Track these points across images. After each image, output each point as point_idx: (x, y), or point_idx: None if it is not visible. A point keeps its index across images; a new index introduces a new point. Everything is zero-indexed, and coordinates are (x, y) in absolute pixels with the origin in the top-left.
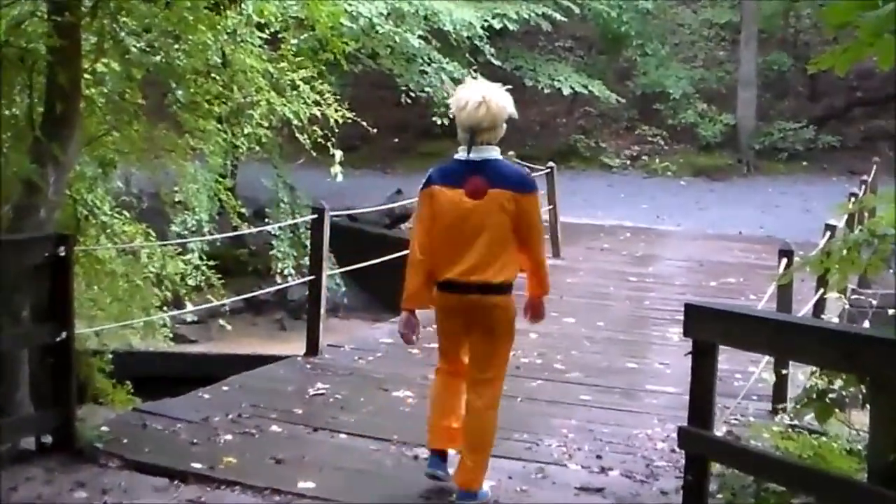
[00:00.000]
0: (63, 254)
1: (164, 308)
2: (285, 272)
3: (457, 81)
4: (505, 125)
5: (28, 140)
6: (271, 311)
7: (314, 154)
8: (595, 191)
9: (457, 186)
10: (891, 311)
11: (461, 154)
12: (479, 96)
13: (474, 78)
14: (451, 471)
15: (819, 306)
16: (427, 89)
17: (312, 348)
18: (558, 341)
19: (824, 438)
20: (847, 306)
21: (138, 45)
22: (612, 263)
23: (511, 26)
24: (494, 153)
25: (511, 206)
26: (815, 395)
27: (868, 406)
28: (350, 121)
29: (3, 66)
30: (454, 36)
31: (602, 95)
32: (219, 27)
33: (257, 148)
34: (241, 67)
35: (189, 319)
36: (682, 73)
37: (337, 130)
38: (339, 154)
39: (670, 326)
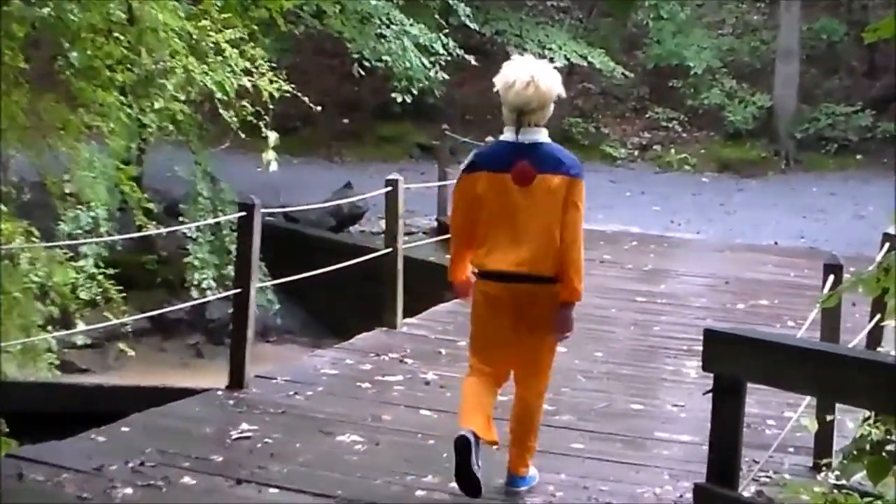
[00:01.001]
0: None
1: (49, 328)
2: (203, 284)
3: (422, 49)
4: (553, 105)
5: None
6: (185, 333)
7: (243, 137)
8: (594, 188)
9: (503, 171)
10: None
11: (507, 136)
12: (527, 75)
13: (445, 45)
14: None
15: (874, 336)
16: (385, 58)
17: (236, 380)
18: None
19: (879, 502)
20: None
21: None
22: (614, 279)
23: None
24: (543, 135)
25: (560, 193)
26: (867, 448)
27: None
28: (288, 95)
29: None
30: None
31: (605, 68)
32: None
33: (171, 128)
34: (151, 25)
35: (80, 342)
36: (705, 43)
37: (272, 107)
38: (273, 137)
39: (686, 359)
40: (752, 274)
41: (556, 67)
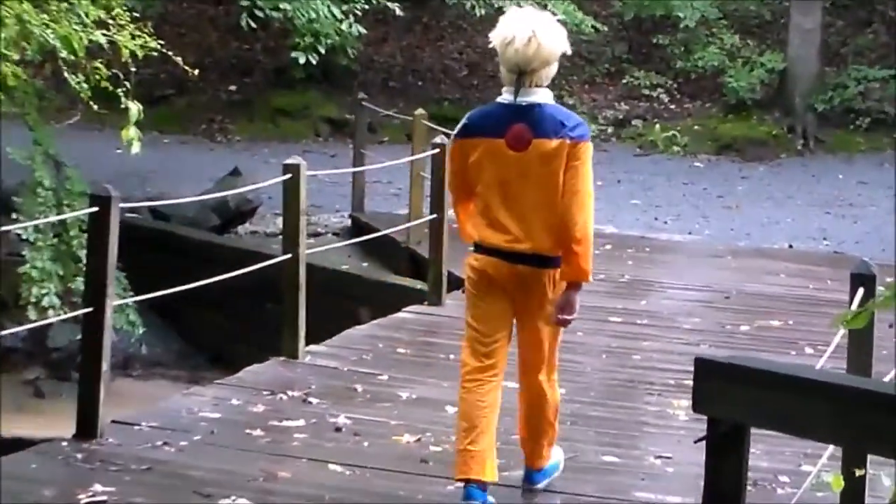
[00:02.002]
0: None
1: None
2: (44, 302)
3: None
4: (556, 64)
5: None
6: (20, 365)
7: (97, 109)
8: None
9: (497, 136)
10: None
11: (505, 97)
12: (528, 30)
13: None
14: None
15: None
16: (284, 6)
17: (87, 427)
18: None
19: None
20: None
21: None
22: (581, 293)
23: None
24: (543, 96)
25: (560, 159)
26: None
27: None
28: (157, 55)
29: None
30: None
31: (570, 21)
32: None
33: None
34: None
35: None
36: None
37: (134, 70)
38: (136, 109)
39: (674, 396)
40: (760, 286)
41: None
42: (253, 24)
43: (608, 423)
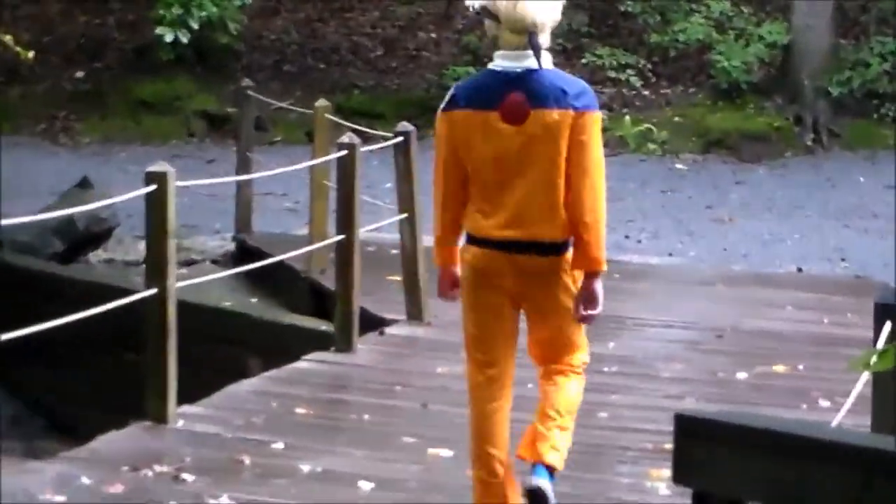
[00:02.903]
0: None
1: None
2: None
3: None
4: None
5: None
6: None
7: None
8: None
9: (490, 108)
10: None
11: (498, 63)
12: None
13: None
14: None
15: None
16: None
17: None
18: (421, 496)
19: None
20: None
21: None
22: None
23: None
24: (542, 60)
25: (562, 131)
26: None
27: None
28: None
29: None
30: None
31: None
32: None
33: None
34: None
35: None
36: None
37: None
38: None
39: (652, 464)
40: (761, 322)
41: None
42: None
43: (570, 500)
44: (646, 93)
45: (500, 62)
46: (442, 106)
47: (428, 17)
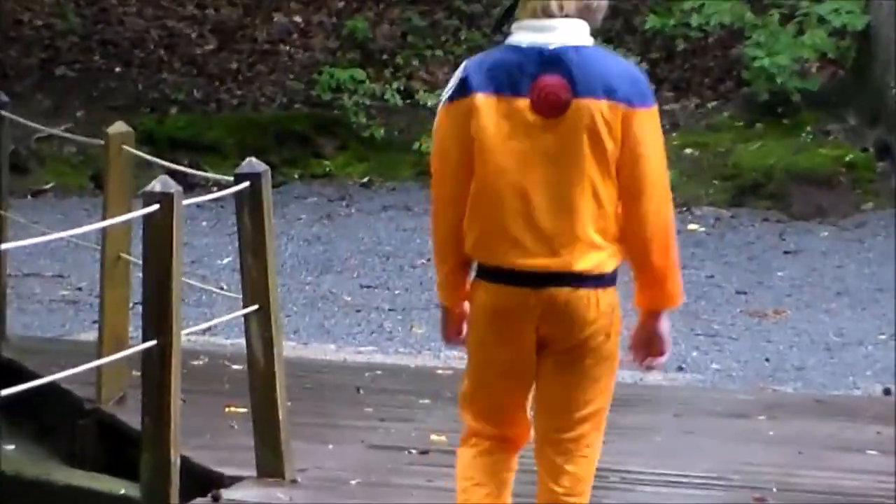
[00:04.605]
0: None
1: None
2: None
3: None
4: None
5: None
6: None
7: None
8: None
9: (515, 94)
10: None
11: (521, 37)
12: None
13: None
14: None
15: None
16: None
17: None
18: None
19: None
20: None
21: None
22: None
23: None
24: (582, 33)
25: (612, 132)
26: None
27: None
28: None
29: None
30: None
31: None
32: None
33: None
34: None
35: None
36: None
37: None
38: None
39: None
40: (828, 476)
41: None
42: None
43: None
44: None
45: (522, 35)
46: (447, 93)
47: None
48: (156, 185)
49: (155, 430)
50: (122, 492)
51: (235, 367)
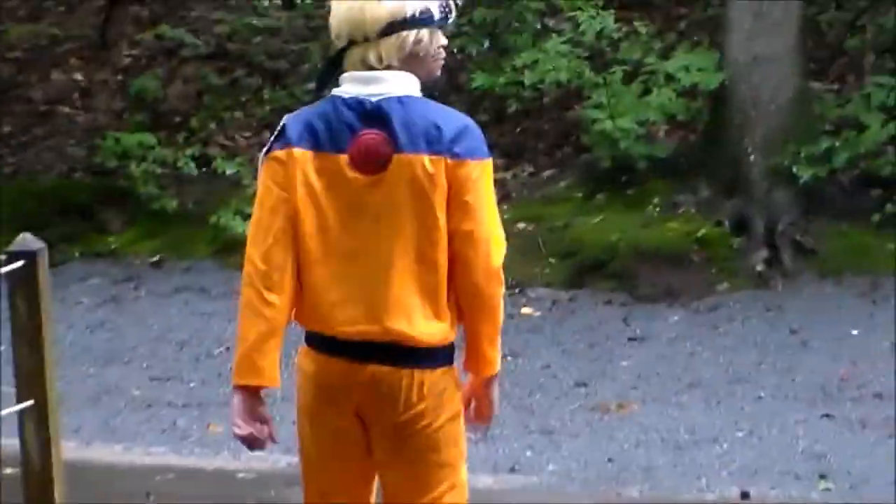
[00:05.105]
0: None
1: None
2: None
3: None
4: (425, 32)
5: None
6: None
7: None
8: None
9: (335, 150)
10: None
11: (344, 89)
12: None
13: None
14: None
15: None
16: None
17: None
18: None
19: None
20: None
21: None
22: None
23: None
24: (406, 84)
25: (439, 185)
26: None
27: None
28: None
29: None
30: None
31: None
32: None
33: None
34: None
35: None
36: None
37: None
38: None
39: None
40: None
41: None
42: None
43: None
44: None
45: (347, 86)
46: (267, 145)
47: (72, 43)
48: None
49: None
50: None
51: (8, 470)
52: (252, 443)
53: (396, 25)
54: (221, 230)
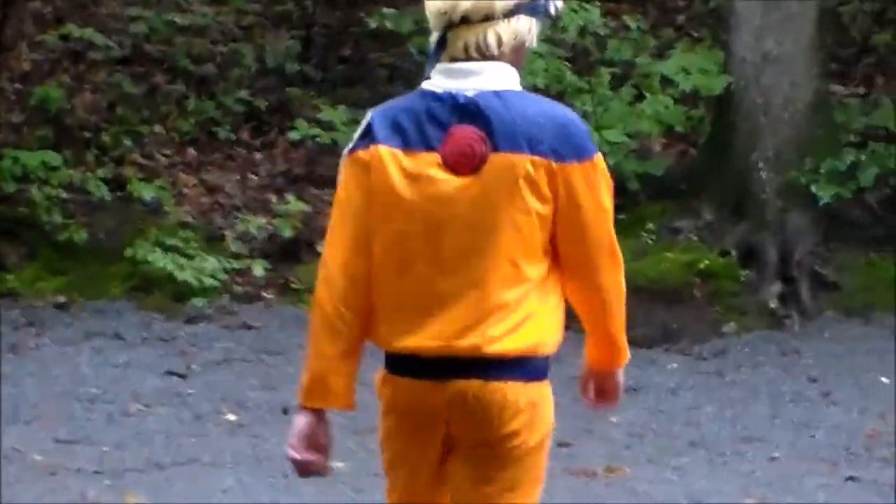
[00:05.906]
0: None
1: None
2: None
3: None
4: (531, 23)
5: None
6: None
7: None
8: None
9: (425, 147)
10: None
11: (434, 83)
12: None
13: None
14: None
15: None
16: None
17: None
18: None
19: None
20: None
21: None
22: None
23: None
24: (504, 76)
25: (542, 187)
26: None
27: None
28: None
29: None
30: None
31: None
32: None
33: None
34: None
35: None
36: None
37: None
38: None
39: None
40: None
41: None
42: None
43: None
44: None
45: (438, 80)
46: (351, 142)
47: None
48: None
49: None
50: None
51: None
52: (306, 470)
53: (522, 7)
54: (139, 265)
